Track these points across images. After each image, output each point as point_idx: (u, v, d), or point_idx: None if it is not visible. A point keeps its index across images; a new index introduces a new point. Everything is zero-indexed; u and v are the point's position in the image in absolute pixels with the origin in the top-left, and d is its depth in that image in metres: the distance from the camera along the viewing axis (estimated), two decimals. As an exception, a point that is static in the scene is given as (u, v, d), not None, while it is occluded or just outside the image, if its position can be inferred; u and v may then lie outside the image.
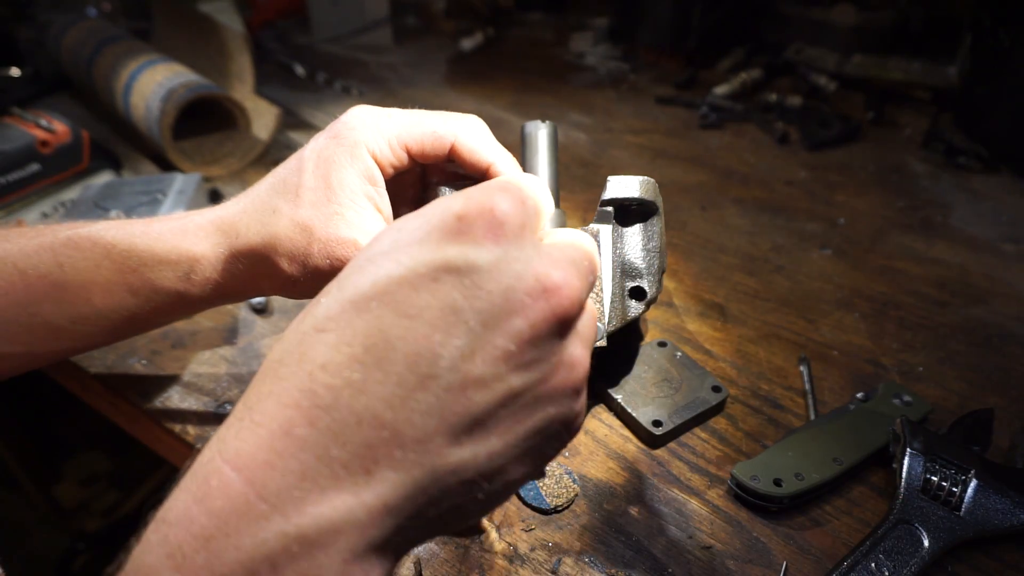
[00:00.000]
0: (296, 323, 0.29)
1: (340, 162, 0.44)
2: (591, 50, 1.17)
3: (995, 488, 0.46)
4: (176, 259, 0.46)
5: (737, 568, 0.45)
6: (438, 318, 0.27)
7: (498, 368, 0.28)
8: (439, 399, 0.27)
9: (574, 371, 0.30)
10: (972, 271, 0.70)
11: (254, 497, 0.25)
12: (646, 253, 0.51)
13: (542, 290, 0.28)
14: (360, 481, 0.26)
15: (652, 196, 0.51)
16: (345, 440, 0.26)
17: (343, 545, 0.26)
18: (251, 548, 0.25)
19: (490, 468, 0.28)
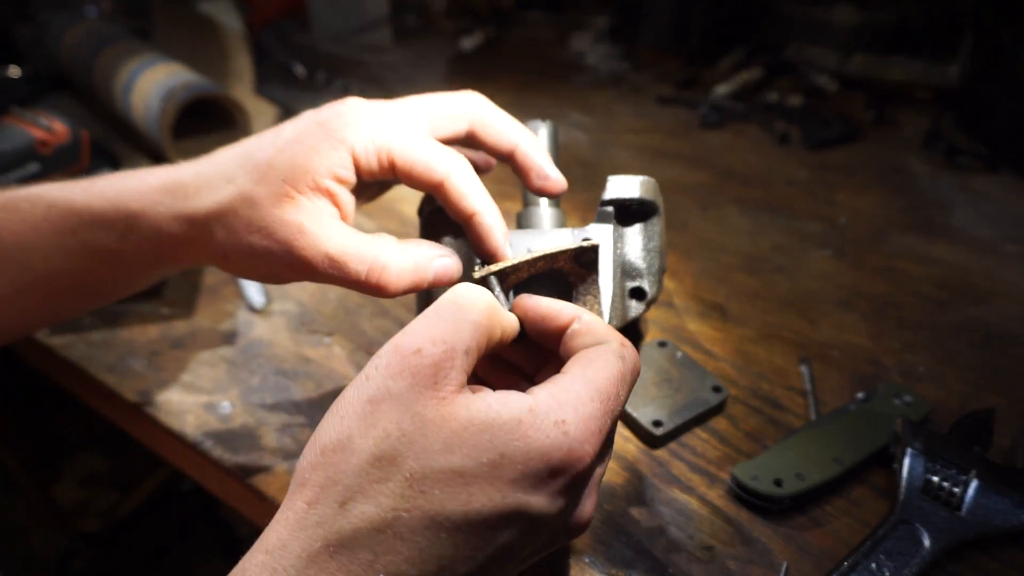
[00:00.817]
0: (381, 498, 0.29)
1: (315, 150, 0.42)
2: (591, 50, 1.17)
3: (996, 488, 0.46)
4: (114, 216, 0.44)
5: (737, 568, 0.45)
6: (498, 550, 0.30)
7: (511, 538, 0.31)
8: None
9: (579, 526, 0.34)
10: (973, 271, 0.70)
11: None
12: (646, 253, 0.51)
13: (573, 531, 0.34)
14: None
15: (652, 196, 0.51)
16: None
17: None
18: None
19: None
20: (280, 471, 0.51)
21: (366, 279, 0.42)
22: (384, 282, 0.42)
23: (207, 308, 0.66)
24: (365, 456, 0.29)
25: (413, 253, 0.43)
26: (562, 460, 0.30)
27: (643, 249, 0.51)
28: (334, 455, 0.30)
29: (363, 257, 0.42)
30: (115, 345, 0.62)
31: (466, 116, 0.47)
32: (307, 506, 0.29)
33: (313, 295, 0.67)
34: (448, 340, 0.32)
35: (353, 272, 0.42)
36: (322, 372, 0.60)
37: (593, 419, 0.32)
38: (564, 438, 0.30)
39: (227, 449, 0.53)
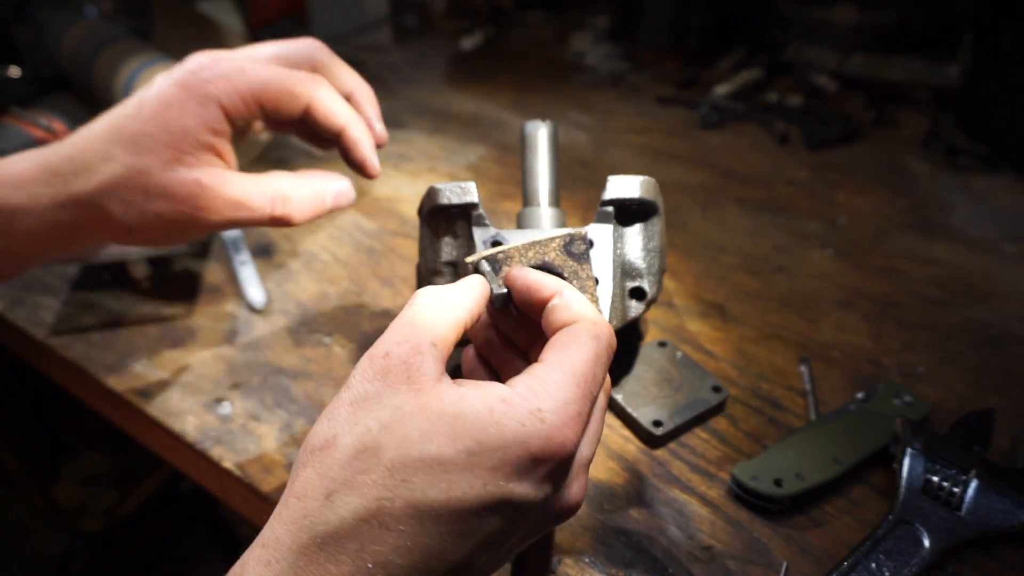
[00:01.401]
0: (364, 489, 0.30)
1: (185, 110, 0.43)
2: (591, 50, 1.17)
3: (996, 488, 0.46)
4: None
5: (737, 568, 0.45)
6: (485, 540, 0.30)
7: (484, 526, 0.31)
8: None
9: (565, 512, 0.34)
10: (973, 271, 0.70)
11: None
12: (646, 253, 0.51)
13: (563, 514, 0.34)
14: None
15: (652, 196, 0.51)
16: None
17: None
18: None
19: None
20: (280, 471, 0.51)
21: (271, 213, 0.46)
22: (288, 213, 0.46)
23: (207, 308, 0.66)
24: (349, 450, 0.30)
25: (310, 182, 0.48)
26: (542, 448, 0.30)
27: (643, 249, 0.51)
28: (321, 453, 0.31)
29: (264, 193, 0.45)
30: (115, 345, 0.62)
31: (309, 60, 0.49)
32: (296, 500, 0.30)
33: (313, 295, 0.67)
34: (411, 338, 0.33)
35: (258, 209, 0.45)
36: (322, 372, 0.60)
37: (571, 404, 0.32)
38: (541, 425, 0.31)
39: (227, 449, 0.53)
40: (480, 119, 0.96)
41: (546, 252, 0.45)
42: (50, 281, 0.69)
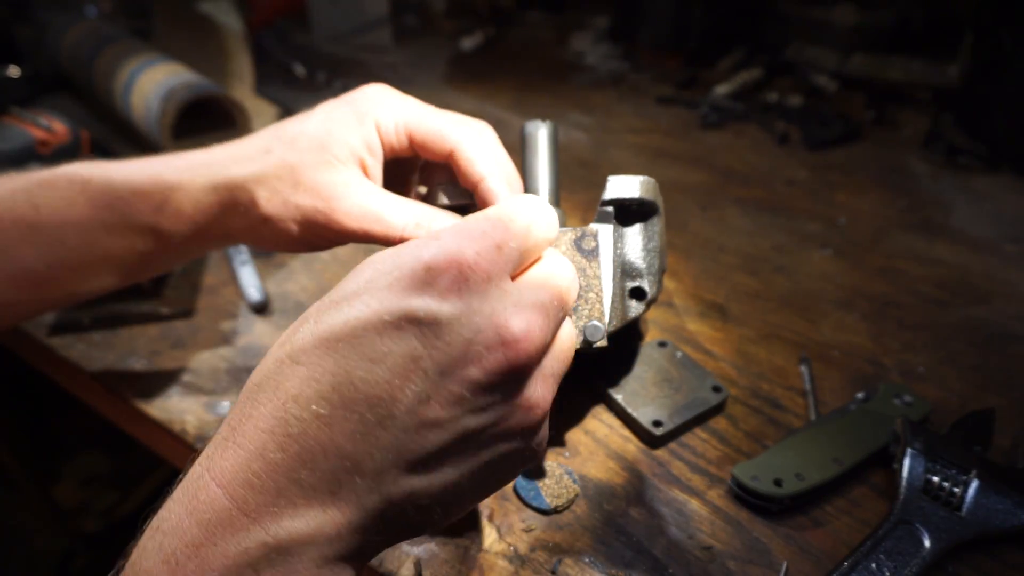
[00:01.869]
0: (276, 347, 0.32)
1: (345, 122, 0.47)
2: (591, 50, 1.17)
3: (996, 488, 0.46)
4: (151, 188, 0.47)
5: (737, 568, 0.45)
6: (399, 365, 0.30)
7: (453, 412, 0.30)
8: (396, 438, 0.30)
9: (531, 412, 0.33)
10: (973, 271, 0.70)
11: (237, 512, 0.28)
12: (646, 253, 0.51)
13: (500, 343, 0.31)
14: (327, 501, 0.29)
15: (652, 196, 0.51)
16: (313, 467, 0.29)
17: (315, 553, 0.29)
18: (235, 555, 0.28)
19: (444, 496, 0.32)
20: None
21: (403, 233, 0.45)
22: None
23: (207, 308, 0.66)
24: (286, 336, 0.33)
25: (448, 219, 0.47)
26: (434, 255, 0.31)
27: (643, 249, 0.51)
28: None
29: (403, 214, 0.46)
30: (115, 345, 0.62)
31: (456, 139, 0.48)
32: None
33: (312, 295, 0.67)
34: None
35: (395, 227, 0.45)
36: (322, 372, 0.59)
37: (471, 226, 0.33)
38: (435, 240, 0.32)
39: (227, 449, 0.53)
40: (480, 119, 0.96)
41: (557, 244, 0.45)
42: (50, 281, 0.69)
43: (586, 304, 0.45)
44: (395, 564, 0.45)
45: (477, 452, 0.32)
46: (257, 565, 0.28)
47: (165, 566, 0.28)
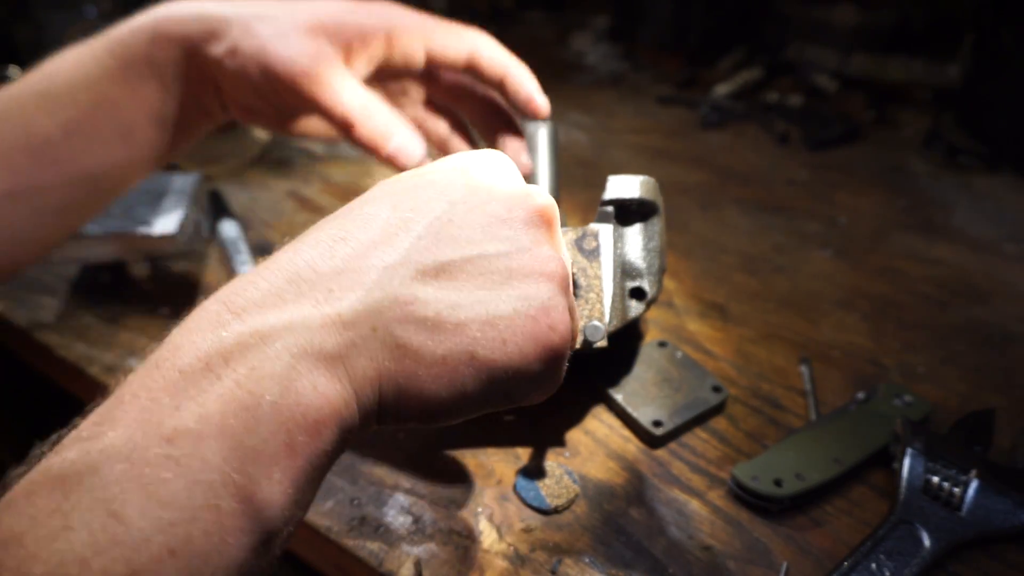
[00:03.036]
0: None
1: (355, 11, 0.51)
2: (591, 49, 1.17)
3: (996, 488, 0.46)
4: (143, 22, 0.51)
5: (737, 568, 0.45)
6: (428, 196, 0.33)
7: (472, 233, 0.32)
8: (411, 243, 0.31)
9: (548, 263, 0.33)
10: (973, 271, 0.70)
11: (223, 310, 0.28)
12: (646, 253, 0.51)
13: (525, 197, 0.35)
14: (321, 298, 0.28)
15: (653, 196, 0.51)
16: (316, 268, 0.29)
17: (291, 340, 0.27)
18: (208, 345, 0.27)
19: (452, 316, 0.30)
20: (280, 471, 0.51)
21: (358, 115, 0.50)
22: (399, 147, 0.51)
23: (207, 308, 0.66)
24: None
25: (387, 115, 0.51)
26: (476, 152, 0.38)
27: (643, 249, 0.51)
28: None
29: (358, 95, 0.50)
30: (115, 345, 0.62)
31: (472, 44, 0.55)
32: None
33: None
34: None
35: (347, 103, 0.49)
36: (322, 372, 0.59)
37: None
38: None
39: (227, 449, 0.53)
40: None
41: None
42: (50, 281, 0.69)
43: (586, 304, 0.45)
44: (395, 564, 0.45)
45: (491, 281, 0.31)
46: (228, 352, 0.26)
47: (146, 369, 0.27)
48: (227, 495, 0.24)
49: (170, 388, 0.26)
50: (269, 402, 0.26)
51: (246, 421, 0.25)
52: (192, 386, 0.26)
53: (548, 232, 0.35)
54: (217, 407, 0.25)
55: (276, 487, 0.25)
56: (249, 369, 0.26)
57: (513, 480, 0.50)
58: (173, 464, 0.24)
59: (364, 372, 0.28)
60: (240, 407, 0.25)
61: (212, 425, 0.25)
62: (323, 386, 0.27)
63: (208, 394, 0.25)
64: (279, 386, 0.26)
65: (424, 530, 0.47)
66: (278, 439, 0.26)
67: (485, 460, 0.52)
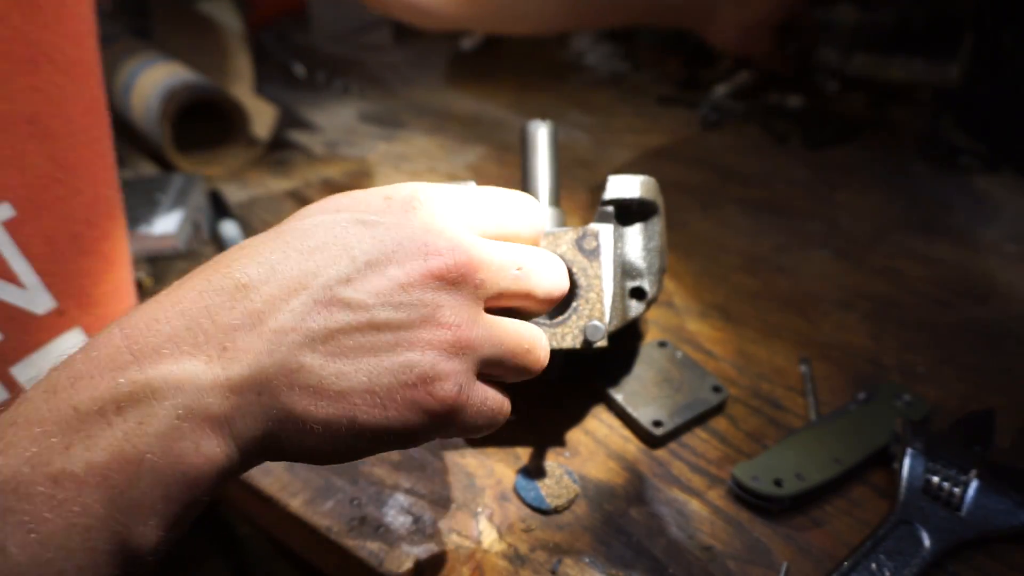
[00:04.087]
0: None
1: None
2: (591, 50, 1.17)
3: (997, 488, 0.46)
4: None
5: (737, 568, 0.45)
6: (333, 251, 0.33)
7: (367, 299, 0.32)
8: (305, 305, 0.31)
9: (443, 331, 0.34)
10: (973, 271, 0.70)
11: (125, 348, 0.29)
12: (647, 253, 0.51)
13: (425, 250, 0.34)
14: (214, 355, 0.30)
15: (653, 196, 0.51)
16: (216, 317, 0.30)
17: (179, 400, 0.28)
18: (105, 389, 0.28)
19: (335, 385, 0.31)
20: (279, 471, 0.51)
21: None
22: None
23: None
24: None
25: None
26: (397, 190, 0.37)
27: (643, 249, 0.51)
28: None
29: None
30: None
31: None
32: None
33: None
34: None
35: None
36: (322, 372, 0.59)
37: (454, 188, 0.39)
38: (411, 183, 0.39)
39: (227, 449, 0.53)
40: (480, 119, 0.96)
41: (558, 244, 0.46)
42: (50, 281, 0.69)
43: (587, 304, 0.45)
44: (395, 564, 0.45)
45: (379, 351, 0.32)
46: (121, 402, 0.28)
47: (45, 395, 0.28)
48: (103, 539, 0.27)
49: (63, 425, 0.27)
50: (151, 460, 0.27)
51: (128, 476, 0.27)
52: (84, 428, 0.27)
53: (452, 291, 0.34)
54: (103, 458, 0.27)
55: (151, 532, 0.28)
56: (137, 423, 0.28)
57: (513, 480, 0.50)
58: (56, 505, 0.26)
59: (248, 432, 0.30)
60: (125, 461, 0.27)
61: (96, 475, 0.27)
62: (205, 446, 0.29)
63: (97, 440, 0.27)
64: (162, 445, 0.28)
65: (424, 530, 0.47)
66: (156, 492, 0.28)
67: (485, 460, 0.52)
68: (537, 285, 0.38)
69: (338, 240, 0.33)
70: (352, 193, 0.38)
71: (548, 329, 0.45)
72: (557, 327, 0.45)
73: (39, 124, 0.46)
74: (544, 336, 0.39)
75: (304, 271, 0.32)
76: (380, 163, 0.88)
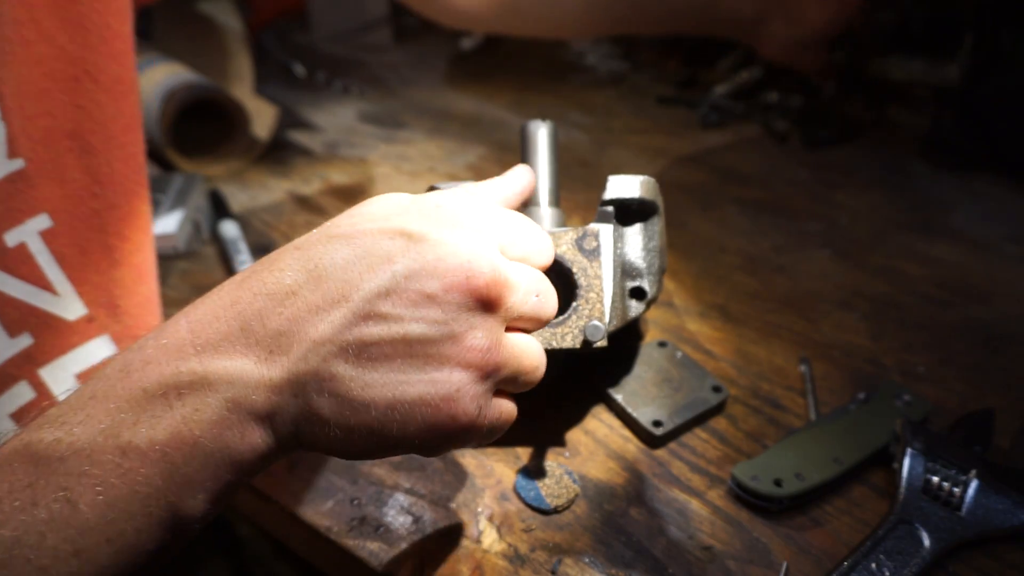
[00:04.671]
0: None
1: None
2: (591, 50, 1.17)
3: (996, 488, 0.46)
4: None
5: (737, 568, 0.45)
6: (375, 260, 0.34)
7: (402, 312, 0.33)
8: (344, 317, 0.33)
9: (473, 354, 0.34)
10: (973, 271, 0.70)
11: (189, 341, 0.32)
12: (646, 253, 0.51)
13: (465, 268, 0.34)
14: (262, 356, 0.32)
15: (653, 196, 0.51)
16: (266, 322, 0.33)
17: (229, 394, 0.32)
18: (168, 375, 0.32)
19: (361, 395, 0.33)
20: (280, 471, 0.51)
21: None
22: None
23: (207, 308, 0.65)
24: None
25: None
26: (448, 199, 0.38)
27: (643, 249, 0.51)
28: None
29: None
30: (115, 345, 0.62)
31: None
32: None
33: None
34: None
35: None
36: (322, 372, 0.59)
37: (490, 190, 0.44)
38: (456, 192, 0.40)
39: (227, 449, 0.53)
40: (480, 119, 0.96)
41: (558, 244, 0.46)
42: (50, 281, 0.69)
43: (587, 304, 0.45)
44: (395, 564, 0.45)
45: (406, 366, 0.33)
46: (182, 389, 0.31)
47: (120, 373, 0.32)
48: (158, 506, 0.31)
49: (132, 403, 0.31)
50: (203, 443, 0.31)
51: (184, 455, 0.31)
52: (149, 408, 0.31)
53: (485, 313, 0.35)
54: (164, 437, 0.31)
55: (199, 503, 0.32)
56: (193, 409, 0.31)
57: (513, 480, 0.50)
58: (122, 473, 0.30)
59: (285, 428, 0.33)
60: (181, 442, 0.31)
61: (157, 451, 0.30)
62: (249, 436, 0.32)
63: (160, 421, 0.31)
64: (213, 432, 0.31)
65: (424, 530, 0.47)
66: (207, 471, 0.32)
67: (485, 460, 0.52)
68: (549, 311, 0.39)
69: (381, 250, 0.34)
70: (403, 197, 0.38)
71: (548, 329, 0.45)
72: (557, 327, 0.45)
73: (79, 139, 0.48)
74: (543, 352, 0.39)
75: (347, 281, 0.33)
76: (380, 163, 0.88)
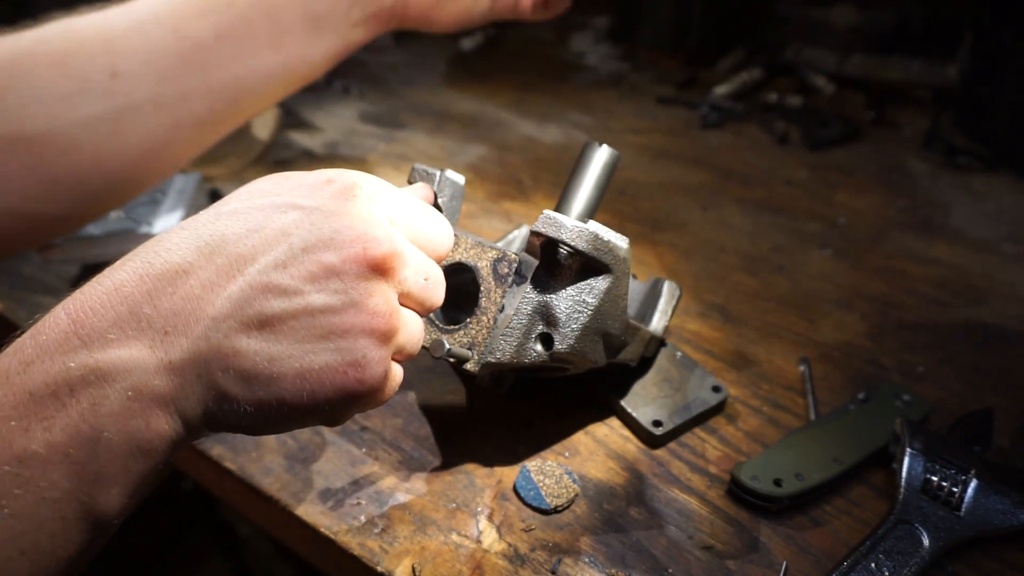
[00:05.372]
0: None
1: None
2: (591, 50, 1.17)
3: (995, 488, 0.46)
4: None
5: (737, 568, 0.45)
6: (270, 234, 0.34)
7: (301, 285, 0.33)
8: (242, 291, 0.32)
9: (374, 319, 0.35)
10: (972, 271, 0.70)
11: (72, 333, 0.30)
12: (574, 305, 0.44)
13: (361, 239, 0.34)
14: (157, 339, 0.31)
15: (601, 253, 0.43)
16: (157, 303, 0.31)
17: (128, 383, 0.30)
18: (57, 372, 0.30)
19: (268, 369, 0.33)
20: (280, 471, 0.51)
21: None
22: None
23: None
24: None
25: None
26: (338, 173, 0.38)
27: (572, 300, 0.44)
28: None
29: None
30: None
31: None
32: None
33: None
34: None
35: None
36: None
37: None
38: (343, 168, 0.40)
39: (227, 449, 0.53)
40: (480, 119, 0.96)
41: (480, 258, 0.45)
42: (50, 281, 0.69)
43: (477, 325, 0.44)
44: (395, 564, 0.45)
45: (311, 336, 0.33)
46: (74, 385, 0.29)
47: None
48: (70, 509, 0.29)
49: (20, 408, 0.29)
50: (107, 437, 0.30)
51: (88, 452, 0.29)
52: (40, 411, 0.29)
53: (383, 281, 0.36)
54: (62, 438, 0.29)
55: (115, 498, 0.30)
56: (91, 404, 0.30)
57: (513, 480, 0.50)
58: (24, 482, 0.28)
59: (191, 408, 0.32)
60: (83, 440, 0.29)
61: (58, 453, 0.29)
62: (154, 423, 0.31)
63: (55, 422, 0.29)
64: (116, 424, 0.30)
65: (424, 530, 0.47)
66: (116, 465, 0.30)
67: (485, 460, 0.52)
68: (435, 299, 0.40)
69: (275, 224, 0.34)
70: (293, 174, 0.38)
71: (437, 333, 0.45)
72: (445, 334, 0.45)
73: None
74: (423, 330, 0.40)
75: (241, 255, 0.33)
76: (380, 163, 0.88)
